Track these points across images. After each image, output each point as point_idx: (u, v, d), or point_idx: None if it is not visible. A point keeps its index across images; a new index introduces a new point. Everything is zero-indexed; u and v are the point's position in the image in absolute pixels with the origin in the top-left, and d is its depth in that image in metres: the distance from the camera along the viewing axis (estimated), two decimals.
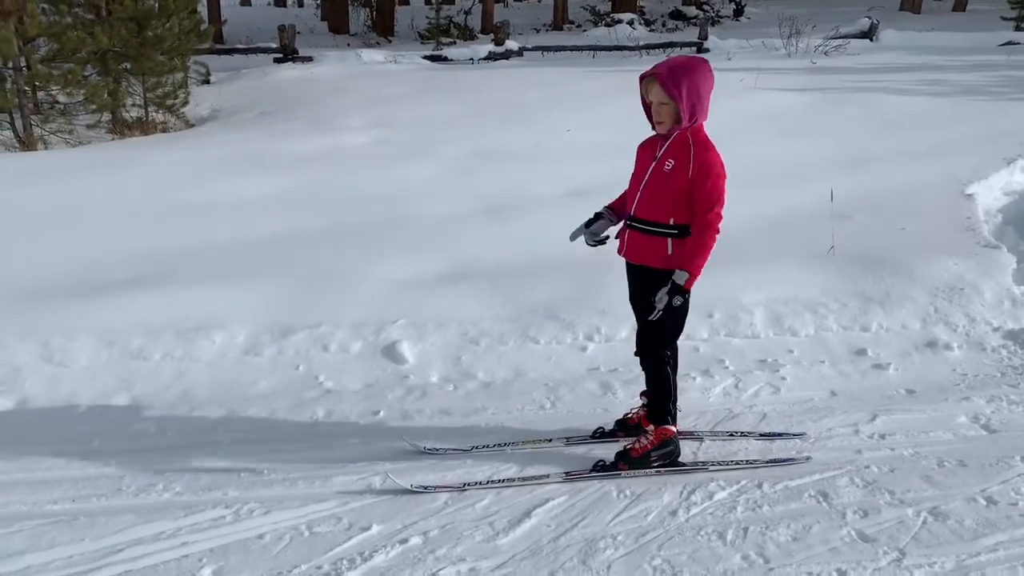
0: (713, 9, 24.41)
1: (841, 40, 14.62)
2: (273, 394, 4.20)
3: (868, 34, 15.84)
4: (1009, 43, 15.36)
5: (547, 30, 24.11)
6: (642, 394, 3.76)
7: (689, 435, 3.78)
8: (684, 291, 3.26)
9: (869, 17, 16.56)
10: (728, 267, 5.13)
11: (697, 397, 4.17)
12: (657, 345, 3.53)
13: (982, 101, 10.55)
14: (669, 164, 3.27)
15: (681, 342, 4.56)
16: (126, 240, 5.74)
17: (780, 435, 3.79)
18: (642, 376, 3.63)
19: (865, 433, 3.80)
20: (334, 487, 3.41)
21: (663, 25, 23.77)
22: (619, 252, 3.53)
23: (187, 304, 4.75)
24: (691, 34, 19.29)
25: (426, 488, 3.36)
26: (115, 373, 4.30)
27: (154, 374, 4.31)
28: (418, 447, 3.69)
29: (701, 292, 4.86)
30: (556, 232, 5.81)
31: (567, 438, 3.77)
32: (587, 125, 9.08)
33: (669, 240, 3.31)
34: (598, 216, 3.62)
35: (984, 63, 13.30)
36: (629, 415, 3.79)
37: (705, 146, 3.27)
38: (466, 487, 3.37)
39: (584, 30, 23.13)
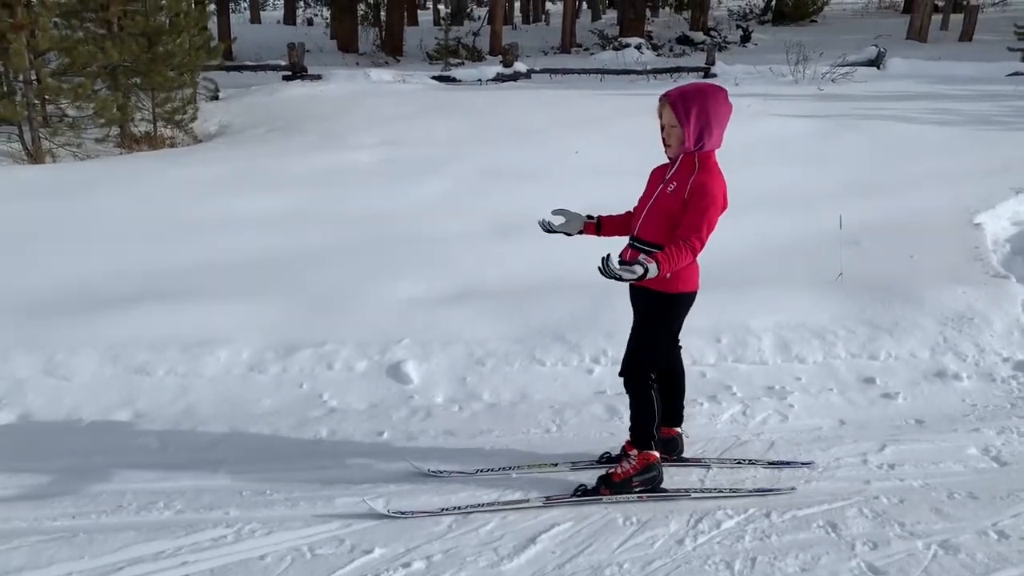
0: (720, 35, 24.53)
1: (848, 68, 14.66)
2: (277, 412, 4.17)
3: (875, 62, 15.89)
4: (1016, 73, 15.39)
5: (555, 53, 24.25)
6: None
7: (696, 462, 3.74)
8: (635, 274, 2.97)
9: (876, 45, 16.63)
10: (737, 292, 5.13)
11: (705, 424, 4.13)
12: (639, 367, 3.46)
13: (990, 131, 10.56)
14: (672, 186, 3.26)
15: (687, 367, 4.58)
16: (133, 255, 5.73)
17: (788, 464, 3.75)
18: None
19: (874, 463, 3.75)
20: (337, 508, 3.37)
21: (670, 50, 23.89)
22: None
23: (192, 320, 4.73)
24: (698, 59, 19.37)
25: (403, 513, 3.30)
26: (118, 388, 4.28)
27: (157, 390, 4.29)
28: (422, 469, 3.65)
29: (709, 316, 4.89)
30: (564, 253, 5.83)
31: (572, 463, 3.73)
32: (595, 146, 9.08)
33: None
34: (589, 217, 3.64)
35: (992, 93, 13.32)
36: None
37: (708, 171, 3.22)
38: (444, 512, 3.31)
39: (592, 53, 23.25)
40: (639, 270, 2.99)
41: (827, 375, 4.54)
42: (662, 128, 3.30)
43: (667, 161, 3.42)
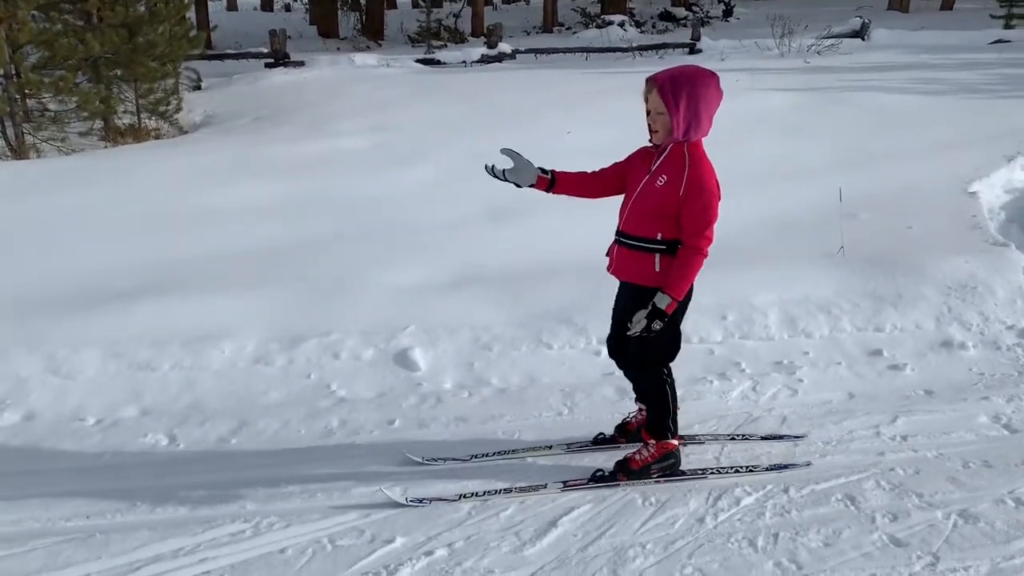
0: (702, 10, 24.44)
1: (833, 40, 14.64)
2: (285, 404, 4.14)
3: (860, 33, 15.88)
4: (999, 41, 15.43)
5: (537, 32, 24.11)
6: (638, 399, 3.70)
7: (691, 440, 3.72)
8: (664, 315, 3.13)
9: (860, 16, 16.61)
10: (739, 268, 5.12)
11: (715, 401, 4.13)
12: (654, 363, 3.40)
13: (978, 99, 10.59)
14: (662, 180, 3.12)
15: (695, 345, 4.59)
16: (128, 249, 5.65)
17: (781, 438, 3.75)
18: None
19: (887, 435, 3.76)
20: (354, 499, 3.34)
21: (653, 27, 23.80)
22: (608, 269, 3.41)
23: (194, 313, 4.68)
24: (682, 35, 19.31)
25: (420, 501, 3.27)
26: (123, 384, 4.22)
27: (163, 385, 4.24)
28: (417, 459, 3.60)
29: (714, 294, 4.88)
30: (562, 236, 5.82)
31: (568, 445, 3.69)
32: (588, 127, 9.03)
33: (657, 256, 3.16)
34: (542, 170, 3.35)
35: (977, 61, 13.36)
36: (629, 420, 3.73)
37: (700, 164, 3.09)
38: (461, 498, 3.30)
39: (574, 32, 23.13)
40: (662, 313, 3.10)
41: (834, 349, 4.55)
42: (648, 112, 3.11)
43: (649, 144, 3.25)
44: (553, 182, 3.37)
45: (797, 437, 3.75)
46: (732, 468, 3.51)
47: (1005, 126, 8.83)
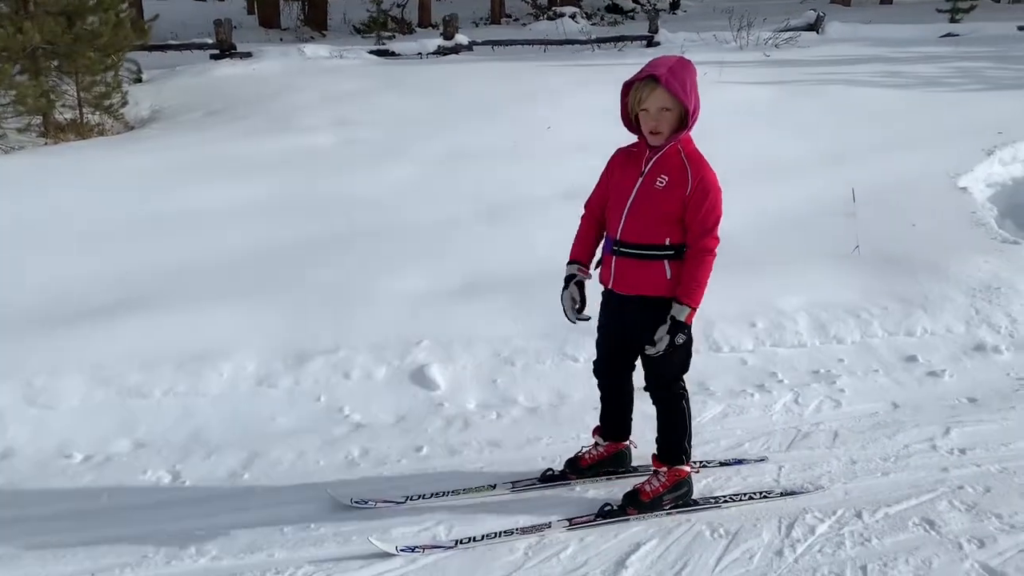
0: (650, 2, 24.40)
1: (791, 32, 14.67)
2: (297, 431, 3.77)
3: (815, 26, 15.96)
4: (949, 35, 15.68)
5: (485, 24, 23.73)
6: (595, 431, 3.45)
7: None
8: (686, 327, 2.92)
9: (815, 10, 16.71)
10: (759, 272, 4.95)
11: (759, 416, 3.91)
12: (670, 379, 3.17)
13: (943, 92, 10.66)
14: (661, 181, 2.91)
15: (726, 355, 4.38)
16: (103, 258, 5.15)
17: (741, 462, 3.50)
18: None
19: (944, 449, 3.60)
20: (395, 540, 3.01)
21: (601, 18, 23.65)
22: (604, 282, 3.13)
23: (184, 331, 4.26)
24: (635, 27, 19.19)
25: (413, 549, 2.93)
26: (112, 414, 3.80)
27: (157, 413, 3.83)
28: (342, 500, 3.20)
29: (739, 299, 4.68)
30: (564, 238, 5.53)
31: (513, 483, 3.35)
32: (564, 120, 8.76)
33: (666, 263, 2.95)
34: (570, 279, 3.17)
35: (933, 55, 13.51)
36: (581, 455, 3.42)
37: (700, 161, 2.93)
38: (459, 544, 2.97)
39: (523, 23, 22.85)
40: (684, 325, 2.90)
41: (868, 355, 4.38)
42: (643, 113, 2.86)
43: (627, 148, 3.06)
44: (587, 267, 3.21)
45: (759, 460, 3.51)
46: (745, 495, 3.26)
47: (976, 120, 8.86)
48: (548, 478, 3.39)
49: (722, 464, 3.50)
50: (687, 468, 3.22)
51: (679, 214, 2.91)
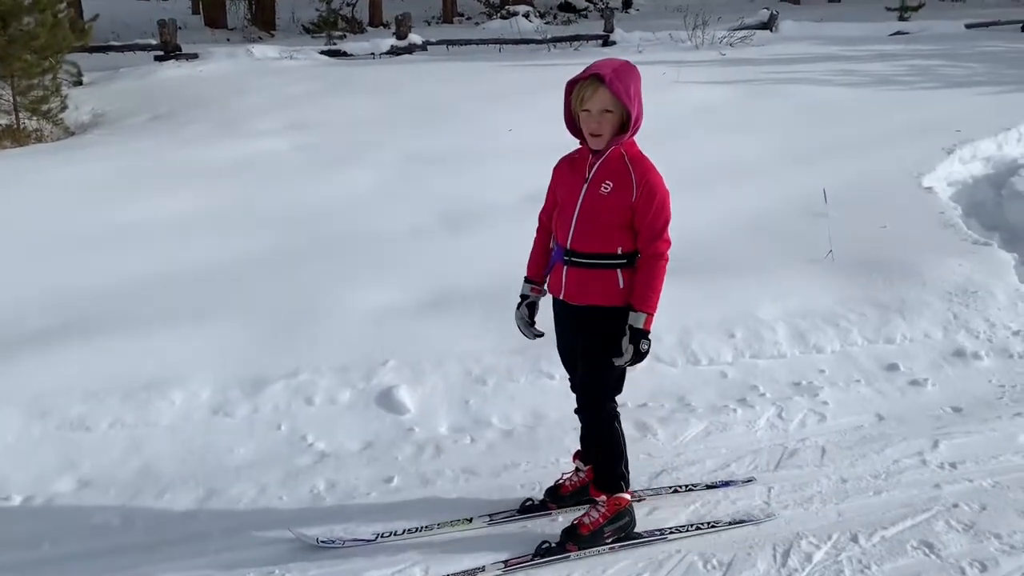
0: (603, 1, 24.35)
1: (746, 32, 14.68)
2: (256, 463, 3.51)
3: (768, 25, 16.03)
4: (898, 33, 15.85)
5: (437, 23, 23.46)
6: (576, 456, 3.28)
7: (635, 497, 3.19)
8: (646, 334, 2.79)
9: (768, 8, 16.78)
10: (733, 279, 4.82)
11: (743, 433, 3.76)
12: (603, 396, 3.01)
13: (898, 91, 10.71)
14: (606, 187, 2.78)
15: (705, 367, 4.22)
16: (34, 279, 4.79)
17: (728, 484, 3.36)
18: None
19: (934, 463, 3.49)
20: None
21: (554, 17, 23.54)
22: (555, 292, 2.99)
23: (131, 356, 3.97)
24: (588, 26, 19.11)
25: None
26: (53, 450, 3.50)
27: (103, 448, 3.53)
28: (308, 540, 2.98)
29: (717, 309, 4.53)
30: (529, 247, 5.35)
31: (490, 515, 3.16)
32: (523, 123, 8.56)
33: (619, 271, 2.82)
34: (523, 299, 3.11)
35: (885, 53, 13.62)
36: (562, 482, 3.25)
37: (644, 164, 2.81)
38: None
39: (476, 22, 22.63)
40: (643, 332, 2.79)
41: (849, 364, 4.26)
42: (584, 114, 2.73)
43: (570, 154, 2.94)
44: (539, 283, 3.11)
45: (747, 481, 3.37)
46: (692, 525, 3.09)
47: (932, 118, 8.89)
48: (527, 508, 3.21)
49: (709, 487, 3.34)
50: (627, 496, 3.05)
51: (628, 220, 2.79)
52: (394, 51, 14.66)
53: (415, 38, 14.93)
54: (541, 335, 3.12)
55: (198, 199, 6.33)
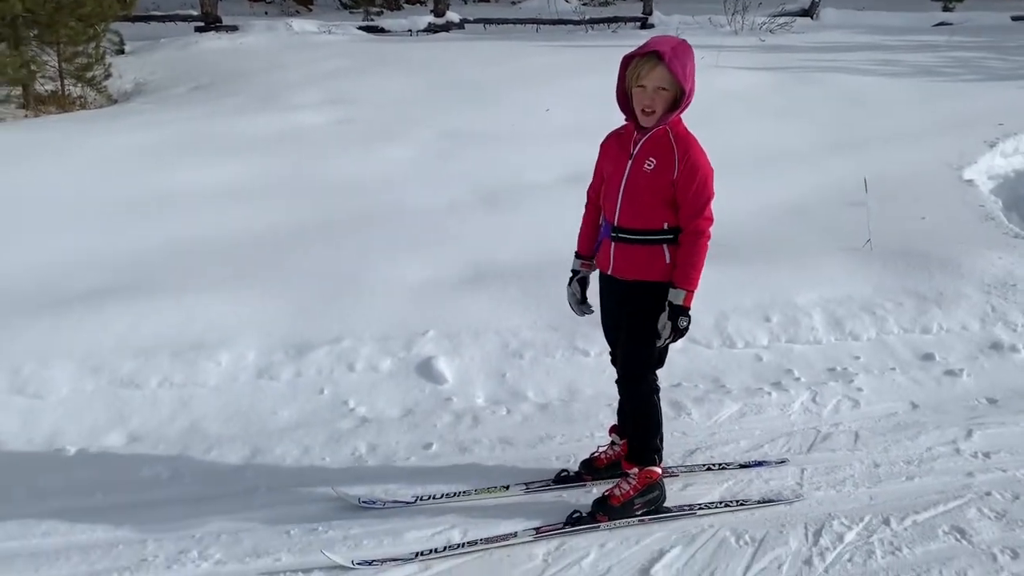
0: None
1: (787, 18, 14.52)
2: (300, 426, 3.61)
3: (809, 12, 15.83)
4: (942, 23, 15.60)
5: (474, 1, 23.37)
6: (612, 429, 3.33)
7: (669, 473, 3.27)
8: (686, 311, 2.84)
9: None
10: (772, 264, 4.83)
11: (777, 416, 3.80)
12: (645, 370, 3.05)
13: (940, 82, 10.54)
14: (650, 163, 2.83)
15: (740, 350, 4.25)
16: (87, 240, 4.94)
17: (761, 464, 3.40)
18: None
19: (967, 452, 3.51)
20: (408, 545, 2.88)
21: None
22: (602, 268, 3.05)
23: (179, 317, 4.09)
24: (626, 8, 18.94)
25: (371, 562, 2.77)
26: (105, 405, 3.62)
27: (152, 405, 3.66)
28: (350, 499, 3.09)
29: (753, 293, 4.56)
30: (569, 226, 5.39)
31: (527, 484, 3.23)
32: (561, 103, 8.58)
33: (665, 247, 2.87)
34: (575, 274, 3.19)
35: (928, 44, 13.41)
36: (597, 455, 3.31)
37: (688, 142, 2.83)
38: (420, 556, 2.82)
39: (513, 1, 22.48)
40: (683, 308, 2.84)
41: (885, 352, 4.28)
42: (638, 90, 2.75)
43: (616, 130, 2.99)
44: (589, 259, 3.17)
45: (779, 463, 3.41)
46: (722, 503, 3.14)
47: (974, 111, 8.78)
48: (563, 479, 3.28)
49: (742, 467, 3.39)
50: (658, 470, 3.10)
51: (670, 196, 2.83)
52: (432, 28, 14.67)
53: (452, 16, 14.92)
54: (591, 311, 3.17)
55: (240, 169, 6.44)
